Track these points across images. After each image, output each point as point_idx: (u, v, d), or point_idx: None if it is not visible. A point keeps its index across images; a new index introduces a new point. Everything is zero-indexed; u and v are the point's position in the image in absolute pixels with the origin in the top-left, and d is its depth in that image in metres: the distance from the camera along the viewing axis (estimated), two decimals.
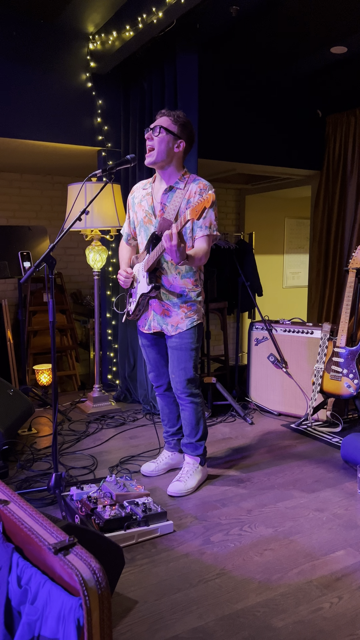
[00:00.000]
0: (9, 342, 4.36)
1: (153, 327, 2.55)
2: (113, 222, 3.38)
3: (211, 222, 2.36)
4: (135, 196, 2.59)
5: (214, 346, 5.89)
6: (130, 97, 3.87)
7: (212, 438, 3.22)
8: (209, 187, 2.38)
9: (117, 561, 1.63)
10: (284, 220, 6.64)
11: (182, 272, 2.43)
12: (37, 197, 5.12)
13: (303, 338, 3.57)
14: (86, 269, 5.34)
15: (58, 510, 2.31)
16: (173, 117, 2.36)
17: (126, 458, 2.94)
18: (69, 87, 3.75)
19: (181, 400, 2.56)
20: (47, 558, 1.06)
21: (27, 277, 2.27)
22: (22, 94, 3.57)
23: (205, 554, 2.02)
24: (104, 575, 0.96)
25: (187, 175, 2.44)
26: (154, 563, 1.97)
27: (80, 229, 3.43)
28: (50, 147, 3.85)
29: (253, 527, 2.22)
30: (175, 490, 2.49)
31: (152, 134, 2.35)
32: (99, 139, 3.91)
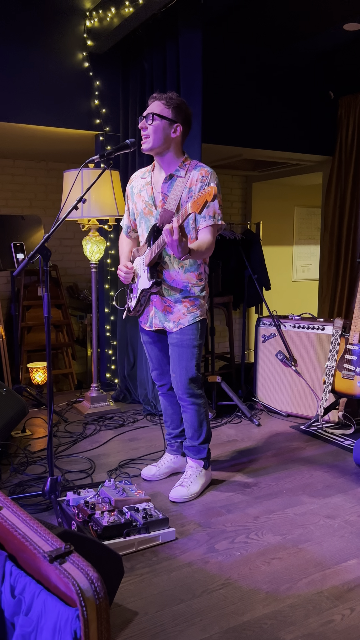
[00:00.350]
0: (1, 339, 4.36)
1: (154, 324, 2.55)
2: (111, 211, 3.37)
3: (215, 211, 2.36)
4: (134, 186, 2.59)
5: (218, 343, 5.89)
6: (129, 77, 3.86)
7: (216, 440, 3.23)
8: (211, 175, 2.37)
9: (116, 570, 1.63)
10: (294, 209, 6.62)
11: (186, 266, 2.43)
12: (31, 184, 5.11)
13: (313, 334, 3.57)
14: (83, 261, 5.34)
15: (53, 517, 2.32)
16: (165, 100, 2.34)
17: (125, 461, 2.95)
18: (64, 67, 3.74)
19: (182, 401, 2.56)
20: (42, 567, 1.07)
21: (20, 269, 2.27)
22: (14, 75, 3.56)
23: (209, 562, 2.03)
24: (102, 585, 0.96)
25: (187, 161, 2.43)
26: (155, 572, 1.97)
27: (76, 218, 3.43)
28: (45, 132, 3.84)
29: (260, 534, 2.22)
30: (178, 496, 2.50)
31: (145, 123, 2.34)
32: (97, 122, 3.90)
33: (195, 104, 3.24)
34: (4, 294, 4.99)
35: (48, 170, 5.18)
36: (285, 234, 6.62)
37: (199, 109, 3.25)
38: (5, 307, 4.95)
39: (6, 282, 5.05)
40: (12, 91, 3.56)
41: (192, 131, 3.26)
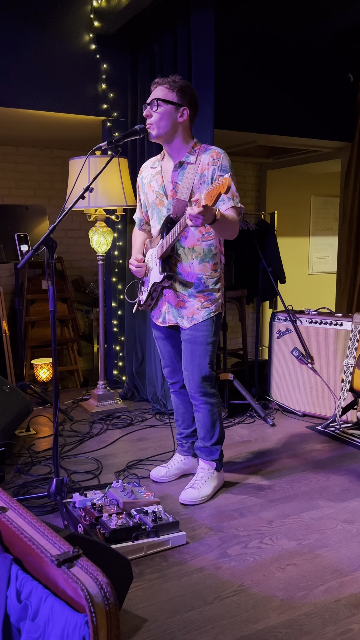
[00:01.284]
0: (5, 334, 4.39)
1: (168, 320, 2.55)
2: (119, 200, 3.38)
3: (233, 193, 2.36)
4: (143, 176, 2.59)
5: (231, 339, 5.88)
6: (138, 60, 3.85)
7: (229, 441, 3.23)
8: (223, 155, 2.37)
9: (125, 575, 1.65)
10: (310, 199, 6.59)
11: (200, 256, 2.42)
12: (35, 173, 5.13)
13: (331, 330, 3.55)
14: (89, 253, 5.35)
15: (59, 519, 2.34)
16: (169, 84, 2.33)
17: (134, 462, 2.96)
18: (70, 50, 3.73)
19: (195, 400, 2.56)
20: (49, 571, 1.07)
21: (24, 261, 2.28)
22: (16, 58, 3.56)
23: (221, 568, 2.03)
24: (112, 591, 0.97)
25: (197, 146, 2.42)
26: (164, 578, 1.98)
27: (82, 208, 3.43)
28: (49, 117, 3.85)
29: (274, 539, 2.22)
30: (189, 498, 2.50)
31: (150, 110, 2.34)
32: (104, 107, 3.90)
33: (208, 88, 3.23)
34: (8, 288, 5.01)
35: (53, 158, 5.18)
36: (301, 224, 6.59)
37: (211, 94, 3.23)
38: (9, 300, 4.98)
39: (9, 275, 5.07)
40: (15, 75, 3.56)
41: (205, 117, 3.25)
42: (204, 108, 3.26)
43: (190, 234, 2.41)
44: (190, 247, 2.41)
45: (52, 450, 2.94)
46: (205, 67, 3.25)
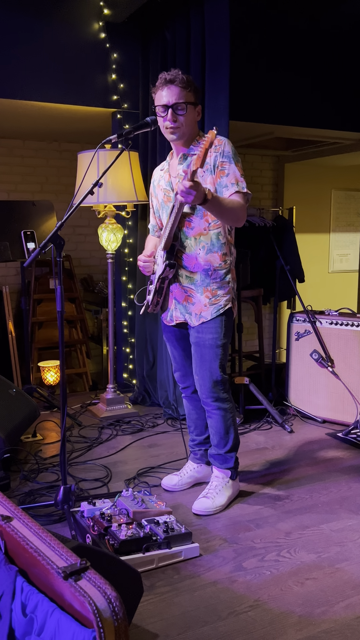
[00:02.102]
0: (11, 335, 4.42)
1: (175, 317, 2.55)
2: (130, 196, 3.38)
3: (237, 178, 2.34)
4: (154, 179, 2.64)
5: (246, 341, 5.87)
6: (150, 49, 3.85)
7: (244, 448, 3.22)
8: (225, 142, 2.38)
9: (135, 588, 1.65)
10: (331, 193, 6.55)
11: (208, 246, 2.41)
12: (42, 167, 5.15)
13: (353, 332, 3.53)
14: (98, 250, 5.36)
15: (66, 529, 2.34)
16: (184, 84, 2.34)
17: (145, 469, 2.96)
18: (79, 39, 3.75)
19: (207, 405, 2.56)
20: (55, 583, 1.08)
21: (31, 260, 2.29)
22: (23, 48, 3.58)
23: (236, 582, 2.03)
24: (121, 605, 0.97)
25: (201, 138, 2.43)
26: (176, 591, 1.98)
27: (91, 204, 3.44)
28: (57, 109, 3.87)
29: (292, 552, 2.21)
30: (202, 508, 2.50)
31: (174, 114, 2.33)
32: (114, 98, 3.91)
33: (222, 78, 3.23)
34: (14, 287, 5.04)
35: (61, 152, 5.21)
36: (321, 220, 6.55)
37: (226, 83, 3.23)
38: (15, 300, 5.01)
39: (16, 273, 5.10)
40: (21, 66, 3.58)
41: (219, 108, 3.25)
42: (219, 98, 3.26)
43: (197, 223, 2.41)
44: (197, 237, 2.41)
45: (59, 457, 2.95)
46: (219, 55, 3.25)
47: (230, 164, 2.35)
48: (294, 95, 4.37)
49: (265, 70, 4.22)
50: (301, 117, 4.44)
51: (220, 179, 2.35)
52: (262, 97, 4.24)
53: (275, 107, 4.31)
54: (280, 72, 4.29)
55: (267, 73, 4.23)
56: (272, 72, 4.26)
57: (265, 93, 4.24)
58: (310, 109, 4.46)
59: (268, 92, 4.25)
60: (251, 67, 4.17)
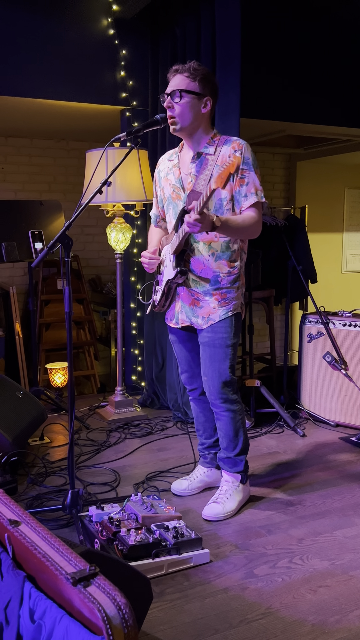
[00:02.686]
0: (18, 337, 4.44)
1: (181, 320, 2.55)
2: (139, 195, 3.38)
3: (256, 187, 2.35)
4: (160, 170, 2.61)
5: (258, 343, 5.86)
6: (159, 45, 3.86)
7: (255, 452, 3.21)
8: (244, 147, 2.36)
9: (144, 595, 1.64)
10: (344, 191, 6.52)
11: (217, 253, 2.41)
12: (50, 166, 5.17)
13: None
14: (107, 250, 5.38)
15: (74, 533, 2.35)
16: (189, 72, 2.33)
17: (154, 474, 2.96)
18: (87, 35, 3.76)
19: (216, 407, 2.56)
20: (64, 589, 1.08)
21: (39, 260, 2.30)
22: (31, 45, 3.60)
23: (247, 589, 2.02)
24: (130, 612, 0.97)
25: (217, 137, 2.42)
26: (186, 598, 1.98)
27: (100, 203, 3.45)
28: (65, 107, 3.88)
29: (305, 559, 2.20)
30: (212, 514, 2.50)
31: (171, 101, 2.34)
32: (123, 96, 3.91)
33: (233, 75, 3.23)
34: (21, 288, 5.07)
35: (69, 151, 5.23)
36: (334, 219, 6.53)
37: (237, 80, 3.23)
38: (22, 301, 5.03)
39: (23, 274, 5.12)
40: (28, 63, 3.60)
41: (230, 105, 3.24)
42: (229, 95, 3.26)
43: None
44: (207, 243, 2.41)
45: (67, 460, 2.96)
46: (230, 51, 3.25)
47: (250, 172, 2.35)
48: (305, 92, 4.36)
49: (276, 66, 4.22)
50: (313, 114, 4.43)
51: (240, 187, 2.34)
52: (273, 93, 4.23)
53: (287, 104, 4.30)
54: (292, 68, 4.28)
55: (279, 69, 4.23)
56: (284, 69, 4.25)
57: (276, 90, 4.24)
58: (322, 106, 4.44)
59: (279, 89, 4.25)
60: (262, 63, 4.16)
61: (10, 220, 3.72)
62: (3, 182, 5.00)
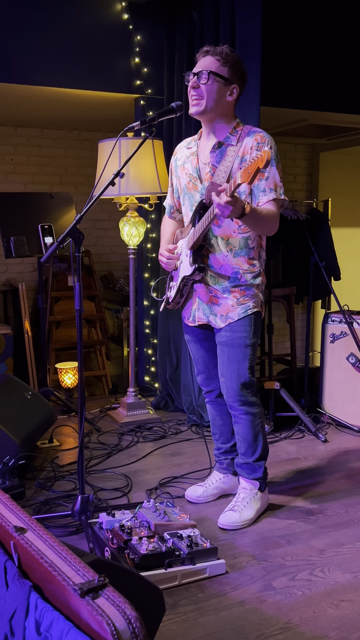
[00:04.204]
0: (27, 335, 4.46)
1: (198, 318, 2.54)
2: (153, 187, 3.38)
3: (276, 183, 2.33)
4: (177, 158, 2.60)
5: (277, 343, 5.82)
6: (176, 31, 3.85)
7: (274, 458, 3.20)
8: (268, 140, 2.34)
9: (157, 607, 1.63)
10: None
11: (236, 249, 2.40)
12: (61, 157, 5.18)
13: None
14: (119, 246, 5.38)
15: (84, 541, 2.35)
16: (221, 57, 2.33)
17: (167, 479, 2.96)
18: (100, 20, 3.76)
19: (234, 410, 2.54)
20: (71, 601, 1.07)
21: (49, 255, 2.30)
22: (40, 31, 3.60)
23: (265, 602, 2.01)
24: (141, 626, 0.96)
25: (240, 127, 2.41)
26: (201, 611, 1.97)
27: (112, 196, 3.45)
28: (77, 95, 3.88)
29: (326, 571, 2.18)
30: (229, 522, 2.48)
31: (197, 81, 2.32)
32: (137, 83, 3.91)
33: (253, 60, 3.20)
34: (30, 284, 5.09)
35: (80, 141, 5.23)
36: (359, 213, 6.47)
37: (257, 66, 3.21)
38: (32, 298, 5.05)
39: (32, 270, 5.14)
40: (38, 49, 3.61)
41: (250, 93, 3.22)
42: (249, 82, 3.21)
43: (226, 222, 2.39)
44: (225, 238, 2.39)
45: (77, 465, 2.96)
46: (250, 36, 3.23)
47: (272, 167, 2.32)
48: (330, 79, 4.32)
49: (299, 52, 4.18)
50: (337, 103, 4.39)
51: (259, 181, 2.32)
52: (295, 81, 4.20)
53: (310, 91, 4.27)
54: (315, 54, 4.24)
55: (302, 55, 4.19)
56: (307, 54, 4.21)
57: (299, 77, 4.20)
58: (347, 93, 4.40)
59: (302, 76, 4.21)
60: (284, 48, 4.13)
61: (20, 214, 3.73)
62: (12, 174, 5.02)
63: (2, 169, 4.98)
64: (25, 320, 4.48)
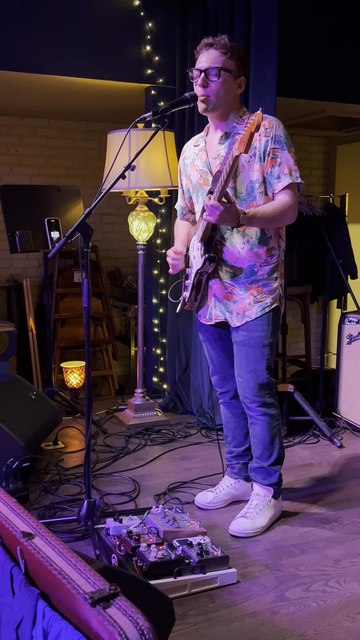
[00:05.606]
0: (31, 333, 4.47)
1: (215, 316, 2.54)
2: (164, 180, 3.38)
3: (290, 167, 2.33)
4: (186, 157, 2.61)
5: (291, 344, 5.81)
6: (188, 18, 3.84)
7: (288, 464, 3.19)
8: (276, 124, 2.35)
9: (166, 617, 1.63)
10: None
11: (252, 240, 2.39)
12: (68, 149, 5.19)
13: None
14: (127, 241, 5.38)
15: (90, 547, 2.35)
16: (225, 49, 2.33)
17: (176, 484, 2.96)
18: (110, 7, 3.75)
19: (250, 411, 2.54)
20: (81, 610, 1.07)
21: (56, 250, 2.30)
22: (50, 18, 3.60)
23: (278, 614, 2.00)
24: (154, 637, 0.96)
25: (246, 115, 2.41)
26: (211, 622, 1.97)
27: (121, 189, 3.45)
28: (85, 85, 3.88)
29: (342, 582, 2.18)
30: (241, 530, 2.48)
31: (205, 79, 2.32)
32: (148, 73, 3.91)
33: (270, 49, 3.20)
34: (35, 280, 5.10)
35: (88, 132, 5.24)
36: None
37: (273, 55, 3.20)
38: (37, 295, 5.06)
39: (38, 265, 5.16)
40: (45, 36, 3.61)
41: (266, 83, 3.22)
42: (265, 72, 3.23)
43: None
44: (241, 230, 2.39)
45: (83, 468, 2.97)
46: (267, 24, 3.22)
47: (283, 151, 2.32)
48: (349, 69, 4.30)
49: (317, 41, 4.17)
50: (357, 93, 4.37)
51: (272, 168, 2.32)
52: (313, 70, 4.18)
53: (328, 82, 4.25)
54: (334, 42, 4.22)
55: (320, 44, 4.18)
56: (325, 43, 4.20)
57: (316, 66, 4.19)
58: None
59: (320, 66, 4.20)
60: (301, 36, 4.11)
61: (25, 207, 3.74)
62: (17, 166, 5.04)
63: (7, 160, 5.00)
64: (29, 318, 4.50)
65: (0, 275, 5.05)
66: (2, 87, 3.95)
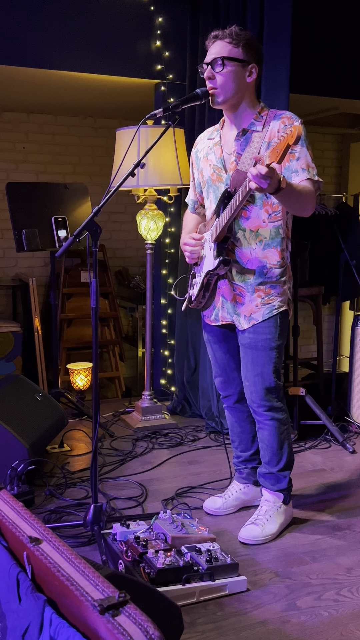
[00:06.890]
0: (37, 333, 4.48)
1: (222, 317, 2.53)
2: (173, 178, 3.38)
3: (308, 163, 2.32)
4: (199, 150, 2.59)
5: (302, 346, 5.80)
6: (199, 12, 3.84)
7: (298, 469, 3.18)
8: (295, 120, 2.33)
9: (175, 626, 1.63)
10: None
11: (266, 240, 2.39)
12: (75, 145, 5.20)
13: None
14: (135, 240, 5.38)
15: (96, 552, 2.35)
16: (231, 38, 2.31)
17: (184, 489, 2.95)
18: (120, 1, 3.76)
19: (258, 415, 2.54)
20: (89, 617, 1.07)
21: (64, 249, 2.30)
22: (56, 11, 3.61)
23: (289, 623, 2.00)
24: None
25: (265, 111, 2.40)
26: (220, 630, 1.96)
27: (130, 187, 3.45)
28: (93, 80, 3.89)
29: (354, 591, 2.17)
30: (250, 536, 2.48)
31: (212, 71, 2.32)
32: (158, 68, 3.91)
33: (283, 44, 3.19)
34: (41, 279, 5.11)
35: (96, 129, 5.25)
36: None
37: (287, 50, 3.19)
38: (43, 294, 5.07)
39: (44, 264, 5.17)
40: (53, 31, 3.62)
41: (278, 79, 3.21)
42: (278, 68, 3.22)
43: (254, 213, 2.38)
44: (254, 230, 2.38)
45: (89, 471, 2.97)
46: (279, 18, 3.21)
47: (302, 147, 2.31)
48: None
49: (331, 36, 4.16)
50: None
51: (290, 162, 2.31)
52: (326, 66, 4.18)
53: (341, 78, 4.24)
54: (349, 37, 4.22)
55: (333, 39, 4.17)
56: (339, 39, 4.19)
57: (330, 62, 4.18)
58: None
59: (333, 61, 4.19)
60: (315, 32, 4.11)
61: (32, 205, 3.75)
62: (24, 163, 5.05)
63: (13, 157, 5.01)
64: (35, 318, 4.50)
65: (6, 274, 5.07)
66: (9, 83, 3.96)
